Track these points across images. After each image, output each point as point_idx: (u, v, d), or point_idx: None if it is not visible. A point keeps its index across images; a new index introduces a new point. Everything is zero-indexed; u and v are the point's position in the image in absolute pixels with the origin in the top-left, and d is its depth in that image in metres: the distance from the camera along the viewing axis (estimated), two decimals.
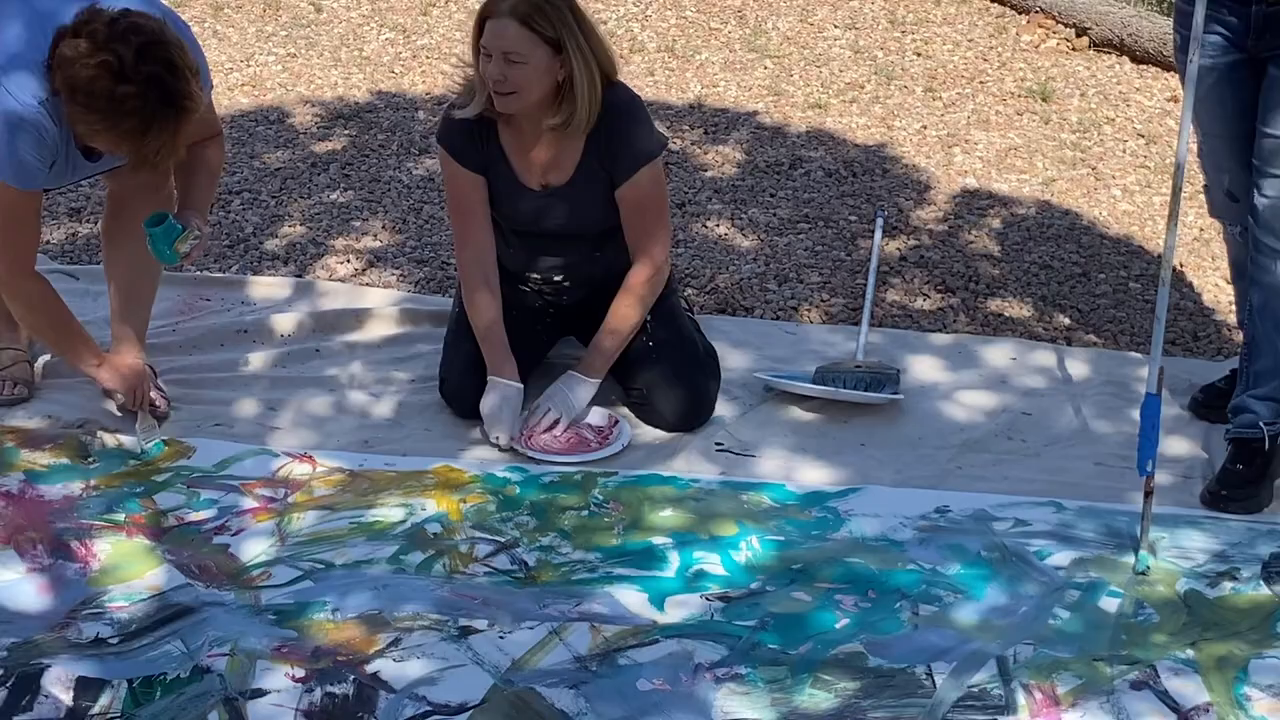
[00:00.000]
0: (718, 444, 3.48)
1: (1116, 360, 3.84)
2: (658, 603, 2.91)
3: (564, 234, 3.51)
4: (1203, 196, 3.56)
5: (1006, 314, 4.12)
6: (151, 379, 3.48)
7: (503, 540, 3.10)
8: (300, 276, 4.19)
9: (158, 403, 3.45)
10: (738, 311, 4.11)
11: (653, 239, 3.47)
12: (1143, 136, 5.32)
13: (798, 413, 3.60)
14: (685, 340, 3.59)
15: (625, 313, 3.46)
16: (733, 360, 3.79)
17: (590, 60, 3.28)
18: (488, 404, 3.42)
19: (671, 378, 3.51)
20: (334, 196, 4.70)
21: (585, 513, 3.20)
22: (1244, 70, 3.18)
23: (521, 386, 3.45)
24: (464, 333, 3.53)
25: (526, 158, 3.42)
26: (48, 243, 4.31)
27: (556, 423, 3.44)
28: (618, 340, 3.48)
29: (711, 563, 3.04)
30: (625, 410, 3.57)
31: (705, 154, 5.13)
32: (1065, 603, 2.91)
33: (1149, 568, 2.99)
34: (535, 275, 3.59)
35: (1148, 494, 2.99)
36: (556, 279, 3.59)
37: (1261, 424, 3.23)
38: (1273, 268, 3.18)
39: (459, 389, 3.52)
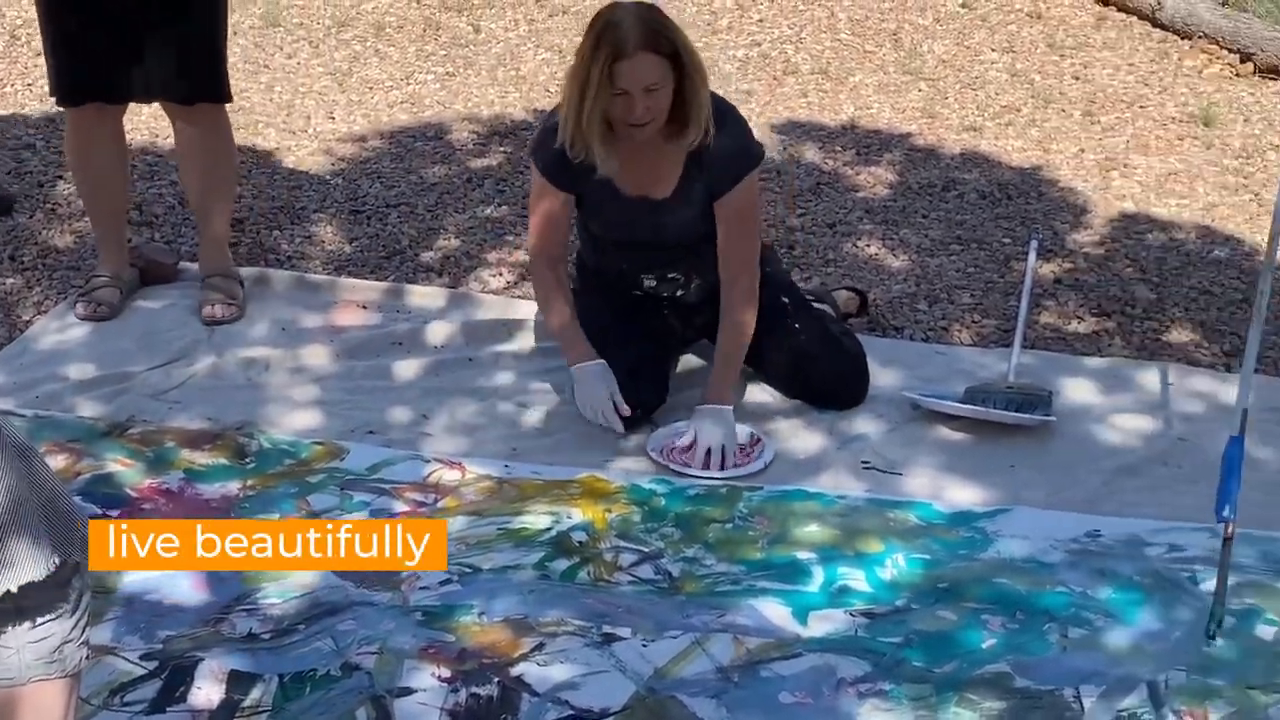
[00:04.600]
0: (864, 462, 3.46)
1: (1277, 388, 3.74)
2: (801, 616, 2.89)
3: (666, 244, 3.56)
4: None
5: (1163, 339, 4.04)
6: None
7: (647, 550, 3.11)
8: (454, 288, 4.26)
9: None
10: (888, 331, 4.09)
11: (750, 248, 3.51)
12: None
13: (946, 432, 3.56)
14: (824, 319, 3.72)
15: (738, 329, 3.51)
16: (882, 379, 3.77)
17: (699, 66, 3.33)
18: (581, 395, 3.49)
19: (823, 350, 3.63)
20: (489, 211, 4.77)
21: (730, 526, 3.20)
22: None
23: (603, 361, 3.50)
24: (608, 346, 3.56)
25: (628, 173, 3.45)
26: None
27: (723, 453, 3.42)
28: (736, 361, 3.52)
29: (856, 579, 3.02)
30: (771, 426, 3.57)
31: (857, 175, 5.11)
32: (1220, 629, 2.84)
33: (1219, 627, 2.80)
34: (649, 282, 3.66)
35: (1226, 540, 2.80)
36: (671, 277, 3.65)
37: None
38: None
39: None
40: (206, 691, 2.66)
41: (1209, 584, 2.96)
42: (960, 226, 4.72)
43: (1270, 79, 5.95)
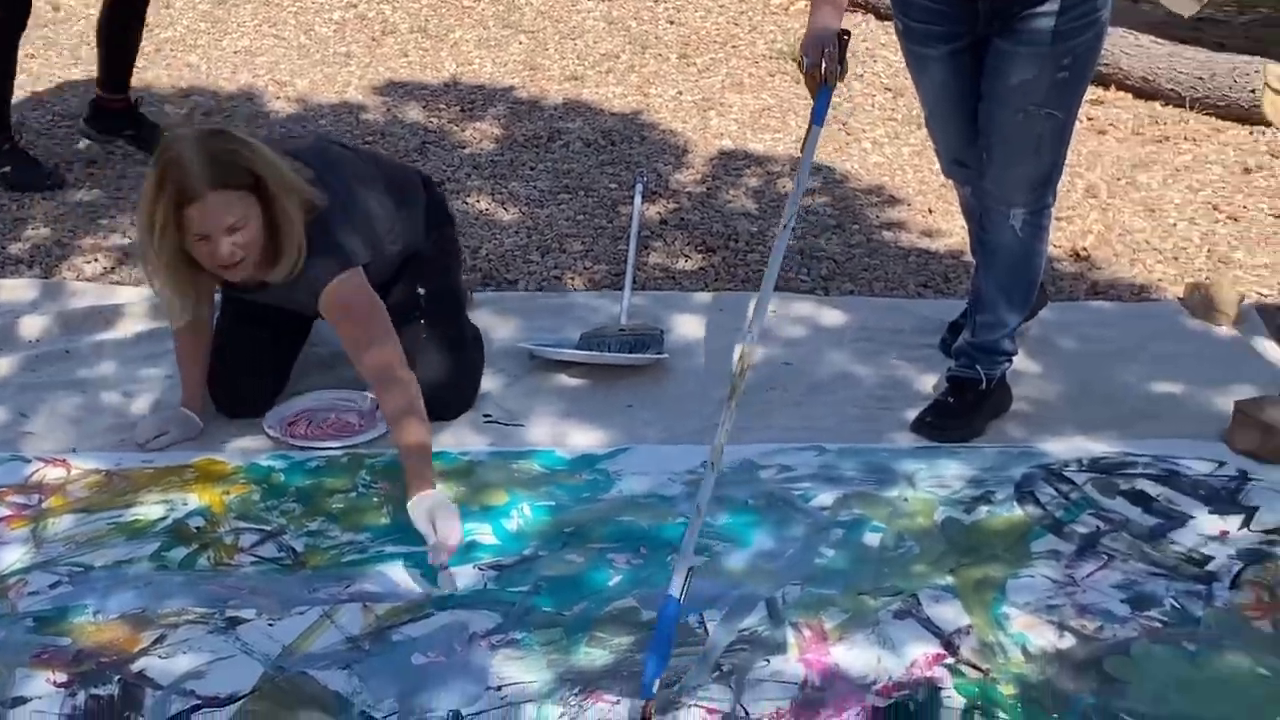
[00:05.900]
0: (486, 415, 3.47)
1: (870, 306, 3.94)
2: (430, 577, 2.89)
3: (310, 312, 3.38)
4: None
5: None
6: None
7: (269, 528, 3.04)
8: (47, 278, 4.06)
9: None
10: (501, 285, 4.10)
11: (369, 355, 3.11)
12: (890, 90, 5.45)
13: (564, 379, 3.61)
14: (456, 334, 3.53)
15: (406, 444, 3.01)
16: (498, 332, 3.79)
17: (285, 183, 3.07)
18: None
19: (443, 376, 3.42)
20: (79, 196, 4.56)
21: (353, 494, 3.16)
22: (967, 55, 3.23)
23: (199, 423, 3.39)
24: (222, 330, 3.46)
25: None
26: None
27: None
28: (421, 459, 3.00)
29: (483, 533, 3.03)
30: None
31: (463, 131, 5.10)
32: (830, 541, 2.97)
33: None
34: None
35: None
36: None
37: (979, 368, 3.38)
38: (1001, 228, 3.28)
39: (227, 387, 3.44)
40: None
41: (818, 499, 3.10)
42: (567, 176, 4.77)
43: (850, 11, 6.20)
